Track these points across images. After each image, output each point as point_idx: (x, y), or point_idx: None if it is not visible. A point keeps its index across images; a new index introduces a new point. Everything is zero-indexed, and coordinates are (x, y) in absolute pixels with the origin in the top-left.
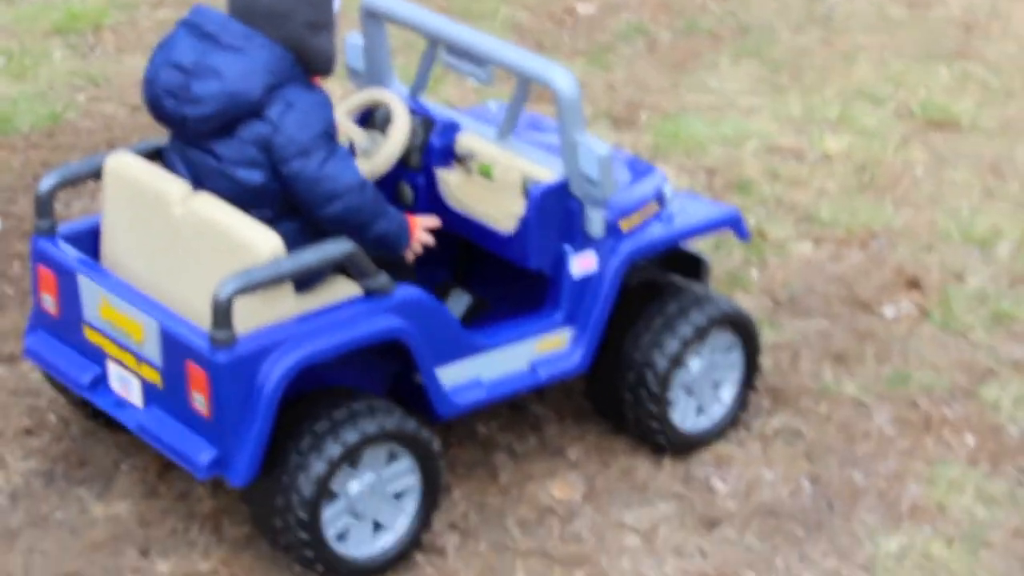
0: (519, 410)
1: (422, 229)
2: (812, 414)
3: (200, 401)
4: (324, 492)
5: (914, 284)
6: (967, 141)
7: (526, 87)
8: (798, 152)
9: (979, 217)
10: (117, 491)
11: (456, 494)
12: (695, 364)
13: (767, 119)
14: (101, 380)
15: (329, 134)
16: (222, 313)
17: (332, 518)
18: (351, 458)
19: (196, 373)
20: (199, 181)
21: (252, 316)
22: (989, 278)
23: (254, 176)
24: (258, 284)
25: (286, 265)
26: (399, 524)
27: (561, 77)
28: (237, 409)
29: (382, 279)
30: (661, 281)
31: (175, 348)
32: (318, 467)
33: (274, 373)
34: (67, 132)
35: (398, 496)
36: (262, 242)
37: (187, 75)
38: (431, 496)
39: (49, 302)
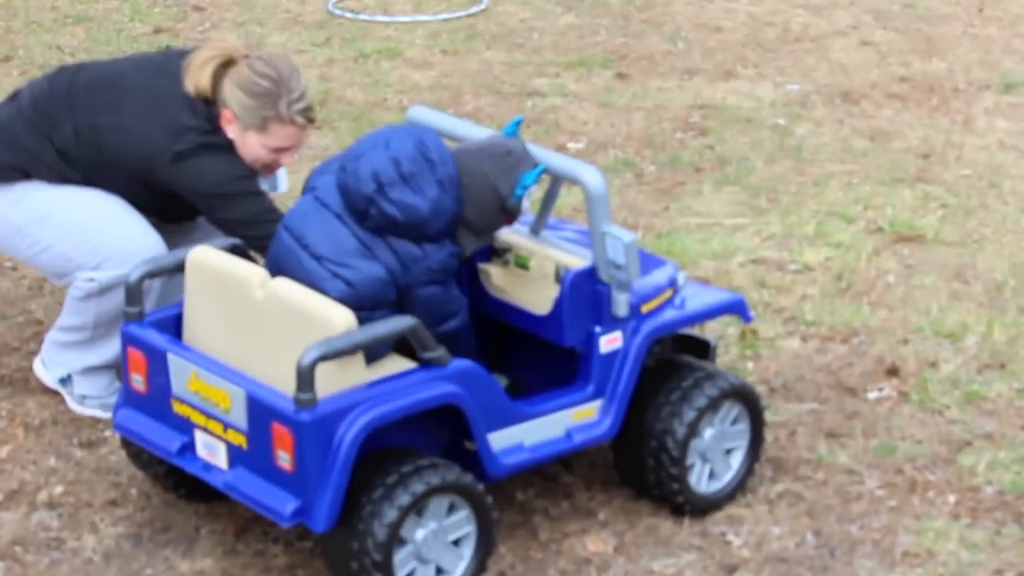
0: (552, 480)
1: None
2: (810, 480)
3: (284, 458)
4: (395, 537)
5: (893, 372)
6: (932, 252)
7: (558, 186)
8: (781, 264)
9: (947, 315)
10: (200, 551)
11: (502, 549)
12: (708, 432)
13: (751, 236)
14: (188, 448)
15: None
16: (305, 377)
17: (401, 562)
18: (418, 507)
19: (281, 432)
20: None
21: (329, 382)
22: (960, 365)
23: (378, 272)
24: (336, 353)
25: (360, 336)
26: (458, 569)
27: (590, 175)
28: (318, 463)
29: (440, 351)
30: (676, 360)
31: (261, 412)
32: (390, 514)
33: (351, 430)
34: None
35: (456, 543)
36: (338, 317)
37: (402, 179)
38: (485, 543)
39: (138, 381)
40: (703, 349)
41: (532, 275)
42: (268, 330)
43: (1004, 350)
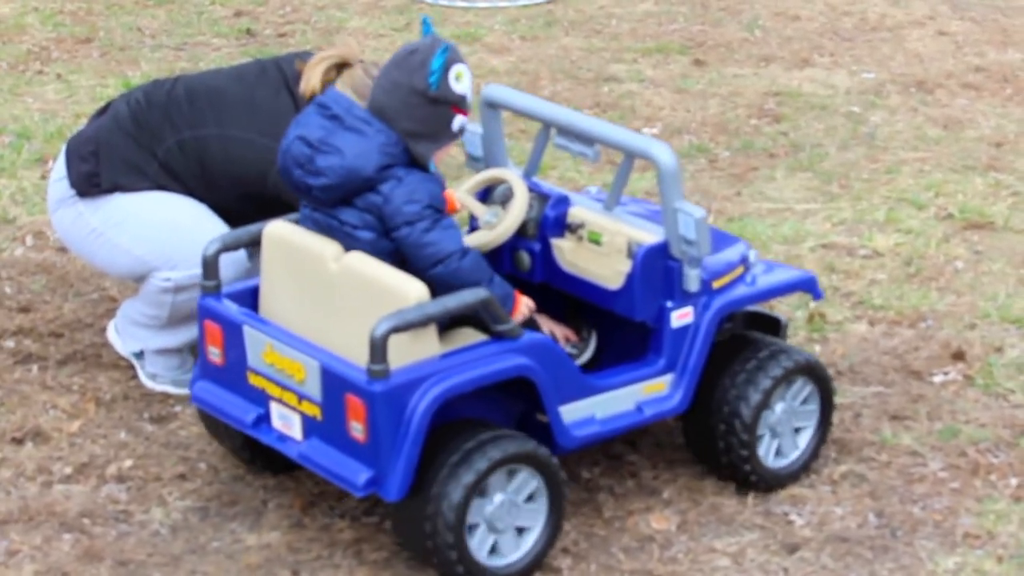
0: (618, 458)
1: (526, 306)
2: (874, 462)
3: (357, 428)
4: (468, 505)
5: (959, 356)
6: (1002, 239)
7: (630, 163)
8: (851, 249)
9: (1015, 301)
10: (266, 524)
11: (567, 526)
12: (779, 406)
13: (821, 221)
14: (264, 419)
15: (434, 207)
16: (378, 349)
17: (473, 529)
18: (488, 478)
19: (354, 403)
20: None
21: (402, 354)
22: None
23: (368, 235)
24: (409, 324)
25: (432, 308)
26: (526, 540)
27: (662, 151)
28: (391, 433)
29: (512, 324)
30: (748, 336)
31: (335, 383)
32: (467, 477)
33: (424, 401)
34: None
35: (527, 513)
36: (410, 288)
37: (313, 150)
38: (556, 514)
39: (215, 353)
40: (774, 327)
41: (604, 250)
42: (342, 302)
43: None
